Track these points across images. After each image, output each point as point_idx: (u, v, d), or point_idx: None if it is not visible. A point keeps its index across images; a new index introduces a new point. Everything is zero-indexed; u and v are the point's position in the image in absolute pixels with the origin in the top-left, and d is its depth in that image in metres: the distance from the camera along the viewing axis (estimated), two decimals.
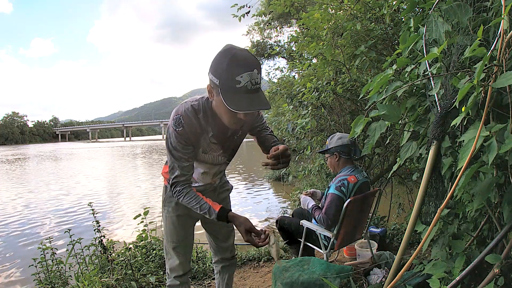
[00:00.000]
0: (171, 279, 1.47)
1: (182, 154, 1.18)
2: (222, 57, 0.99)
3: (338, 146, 2.03)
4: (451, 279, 1.21)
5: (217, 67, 0.99)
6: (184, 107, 1.16)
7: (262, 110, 1.27)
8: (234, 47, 1.00)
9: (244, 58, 0.98)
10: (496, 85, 0.96)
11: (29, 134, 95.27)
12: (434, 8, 1.34)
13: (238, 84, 0.96)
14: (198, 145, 1.23)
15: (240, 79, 0.96)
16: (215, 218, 1.20)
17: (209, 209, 1.20)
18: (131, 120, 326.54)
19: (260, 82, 1.01)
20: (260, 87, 1.02)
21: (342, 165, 2.06)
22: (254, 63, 0.98)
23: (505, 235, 1.12)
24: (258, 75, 0.99)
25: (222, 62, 0.98)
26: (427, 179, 1.30)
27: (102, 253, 2.48)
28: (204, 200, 1.22)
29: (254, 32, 17.46)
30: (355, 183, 1.95)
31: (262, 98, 1.01)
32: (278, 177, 8.91)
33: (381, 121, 1.31)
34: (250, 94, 0.98)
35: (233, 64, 0.96)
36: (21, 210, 6.95)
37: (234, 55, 0.97)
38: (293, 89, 3.80)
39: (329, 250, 1.99)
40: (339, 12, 2.73)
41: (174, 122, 1.15)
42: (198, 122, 1.17)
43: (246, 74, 0.96)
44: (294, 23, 13.95)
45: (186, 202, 1.23)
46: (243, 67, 0.96)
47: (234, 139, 1.32)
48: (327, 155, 2.13)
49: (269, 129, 1.40)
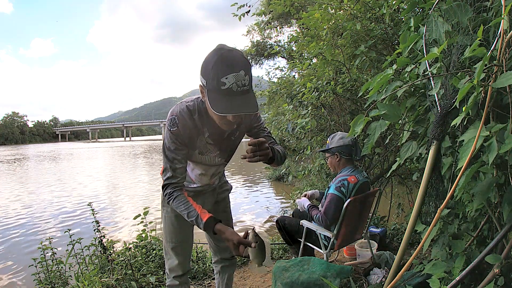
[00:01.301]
0: (170, 279, 1.47)
1: (175, 155, 1.17)
2: (210, 57, 0.97)
3: (339, 146, 2.02)
4: (451, 279, 1.21)
5: (205, 67, 0.98)
6: (179, 108, 1.16)
7: (260, 111, 1.24)
8: (224, 48, 0.97)
9: (230, 59, 0.95)
10: (496, 85, 0.96)
11: (29, 134, 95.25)
12: (434, 8, 1.34)
13: (223, 85, 0.94)
14: (194, 146, 1.22)
15: (225, 81, 0.94)
16: (202, 227, 1.13)
17: (197, 218, 1.13)
18: (131, 120, 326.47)
19: (248, 84, 0.98)
20: (249, 89, 0.99)
21: (342, 165, 2.06)
22: (241, 64, 0.95)
23: (505, 235, 1.12)
24: (245, 76, 0.96)
25: (209, 63, 0.96)
26: (427, 179, 1.30)
27: (102, 253, 2.48)
28: (193, 207, 1.16)
29: (254, 32, 17.43)
30: (356, 183, 1.95)
31: (249, 101, 0.98)
32: (278, 177, 8.92)
33: (381, 120, 1.30)
34: (235, 96, 0.96)
35: (219, 65, 0.94)
36: (21, 211, 6.95)
37: (221, 55, 0.95)
38: (293, 89, 3.80)
39: (329, 250, 1.99)
40: (339, 12, 2.73)
41: (169, 122, 1.15)
42: (193, 123, 1.16)
43: (231, 75, 0.94)
44: (294, 23, 13.94)
45: (175, 206, 1.19)
46: (229, 68, 0.94)
47: (232, 140, 1.30)
48: (327, 154, 2.12)
49: (267, 131, 1.37)
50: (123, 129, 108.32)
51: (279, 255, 2.82)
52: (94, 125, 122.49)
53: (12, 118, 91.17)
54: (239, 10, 3.06)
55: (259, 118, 1.34)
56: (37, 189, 9.68)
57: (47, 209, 6.96)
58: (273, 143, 1.31)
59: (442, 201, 1.24)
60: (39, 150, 38.76)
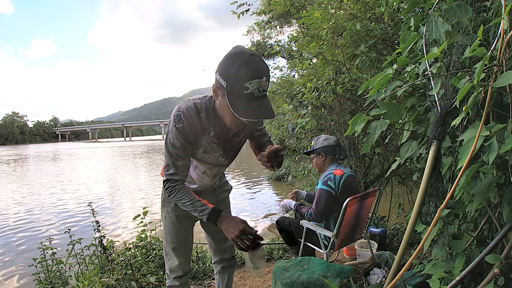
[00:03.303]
0: (170, 279, 1.46)
1: (179, 152, 1.16)
2: (232, 60, 0.97)
3: (324, 146, 2.14)
4: (451, 279, 1.21)
5: (226, 69, 0.98)
6: (186, 105, 1.16)
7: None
8: (245, 51, 0.98)
9: (255, 64, 0.96)
10: (496, 85, 0.96)
11: (29, 134, 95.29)
12: (434, 8, 1.34)
13: (246, 90, 0.95)
14: (199, 144, 1.22)
15: (249, 86, 0.94)
16: (206, 216, 1.14)
17: (202, 205, 1.15)
18: (131, 120, 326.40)
19: (267, 89, 0.99)
20: (266, 93, 1.01)
21: (328, 163, 2.16)
22: (264, 70, 0.97)
23: (505, 235, 1.12)
24: (266, 82, 0.97)
25: (232, 66, 0.96)
26: (427, 179, 1.30)
27: (102, 253, 2.48)
28: (198, 198, 1.18)
29: (254, 32, 17.41)
30: (341, 175, 2.03)
31: (268, 106, 1.00)
32: (278, 177, 8.92)
33: (381, 119, 1.30)
34: (256, 101, 0.97)
35: (243, 69, 0.94)
36: (21, 211, 6.95)
37: (245, 60, 0.95)
38: (293, 89, 3.80)
39: (329, 250, 1.99)
40: (339, 12, 2.73)
41: (175, 118, 1.14)
42: (199, 121, 1.16)
43: (255, 81, 0.94)
44: (294, 22, 13.93)
45: (178, 199, 1.19)
46: (253, 74, 0.94)
47: (236, 141, 1.30)
48: (313, 155, 2.22)
49: (268, 135, 1.39)
50: (123, 129, 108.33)
51: (279, 255, 2.82)
52: (94, 125, 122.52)
53: (12, 118, 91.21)
54: (238, 9, 3.06)
55: (262, 122, 1.37)
56: (37, 189, 9.67)
57: (47, 209, 6.96)
58: None
59: (442, 201, 1.24)
60: (39, 150, 38.76)
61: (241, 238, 1.08)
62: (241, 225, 1.10)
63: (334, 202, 2.00)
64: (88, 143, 72.01)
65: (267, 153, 1.10)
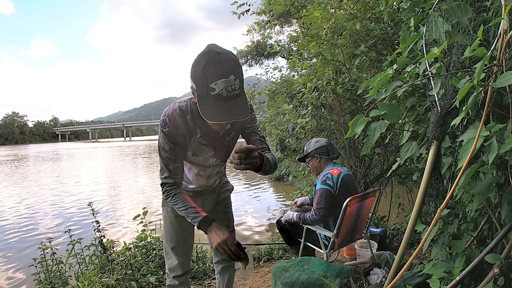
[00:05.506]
0: (170, 279, 1.47)
1: (169, 155, 1.19)
2: (199, 60, 0.93)
3: (317, 148, 2.18)
4: (451, 279, 1.21)
5: (194, 71, 0.95)
6: (172, 108, 1.17)
7: (257, 111, 1.23)
8: (212, 49, 0.94)
9: (219, 63, 0.91)
10: (496, 85, 0.95)
11: (29, 134, 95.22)
12: (434, 8, 1.34)
13: (212, 91, 0.91)
14: (187, 147, 1.22)
15: (215, 87, 0.90)
16: (198, 223, 1.14)
17: (195, 213, 1.15)
18: (131, 120, 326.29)
19: (239, 87, 0.94)
20: (240, 92, 0.96)
21: (323, 164, 2.18)
22: (231, 69, 0.92)
23: (505, 235, 1.12)
24: (235, 81, 0.92)
25: (198, 67, 0.93)
26: (427, 179, 1.30)
27: (102, 253, 2.48)
28: (192, 205, 1.18)
29: (254, 32, 17.39)
30: (339, 174, 2.05)
31: (240, 106, 0.95)
32: (278, 177, 8.92)
33: (381, 120, 1.30)
34: (225, 102, 0.93)
35: (207, 70, 0.91)
36: (21, 211, 6.95)
37: (210, 59, 0.91)
38: (293, 89, 3.80)
39: (329, 250, 1.99)
40: (339, 12, 2.72)
41: (161, 122, 1.17)
42: (185, 123, 1.16)
43: (220, 81, 0.90)
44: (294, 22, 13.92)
45: (173, 204, 1.21)
46: (218, 74, 0.90)
47: (226, 140, 1.28)
48: (308, 159, 2.23)
49: (260, 134, 1.31)
50: (123, 129, 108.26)
51: (279, 255, 2.82)
52: (94, 125, 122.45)
53: (12, 118, 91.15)
54: (238, 9, 3.06)
55: (254, 119, 1.30)
56: (37, 189, 9.68)
57: (47, 209, 6.96)
58: (264, 150, 1.27)
59: (442, 201, 1.24)
60: (39, 150, 38.73)
61: (222, 247, 1.10)
62: (226, 235, 1.11)
63: (334, 201, 2.00)
64: (88, 143, 71.98)
65: (236, 152, 1.02)
